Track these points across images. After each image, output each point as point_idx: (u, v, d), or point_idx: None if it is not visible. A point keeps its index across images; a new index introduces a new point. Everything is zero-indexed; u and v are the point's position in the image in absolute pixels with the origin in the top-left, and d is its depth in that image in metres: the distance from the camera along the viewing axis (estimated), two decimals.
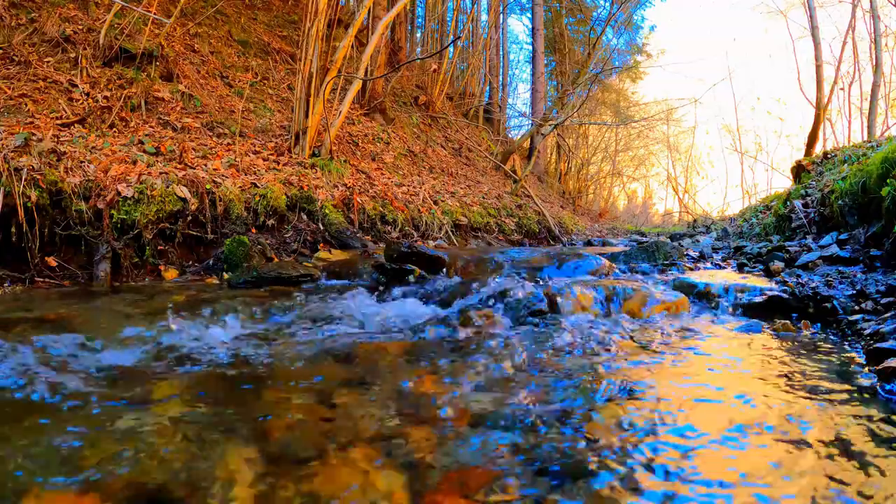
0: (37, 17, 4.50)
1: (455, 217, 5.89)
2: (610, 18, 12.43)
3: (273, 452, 1.02)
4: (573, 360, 1.61)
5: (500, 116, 14.07)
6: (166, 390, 1.34)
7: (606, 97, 18.29)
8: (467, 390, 1.36)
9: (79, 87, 4.11)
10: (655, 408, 1.23)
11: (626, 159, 22.94)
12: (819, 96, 10.89)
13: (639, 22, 17.31)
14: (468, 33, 12.85)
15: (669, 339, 1.89)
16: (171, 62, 5.07)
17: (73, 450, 1.01)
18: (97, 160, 3.23)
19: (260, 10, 8.59)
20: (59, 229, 2.88)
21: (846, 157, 5.67)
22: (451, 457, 1.00)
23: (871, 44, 11.44)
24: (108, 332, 1.85)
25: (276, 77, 7.06)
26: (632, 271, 3.35)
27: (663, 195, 27.76)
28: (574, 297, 2.26)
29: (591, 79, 11.48)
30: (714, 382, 1.41)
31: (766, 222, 6.09)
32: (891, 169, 3.19)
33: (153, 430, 1.10)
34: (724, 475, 0.92)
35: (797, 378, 1.42)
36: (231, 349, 1.70)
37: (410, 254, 3.02)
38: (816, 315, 2.08)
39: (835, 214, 4.00)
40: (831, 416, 1.15)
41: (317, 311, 2.18)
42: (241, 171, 4.03)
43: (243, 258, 3.19)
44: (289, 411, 1.22)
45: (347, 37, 5.12)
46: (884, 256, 2.78)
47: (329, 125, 5.10)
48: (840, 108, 14.89)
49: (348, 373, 1.52)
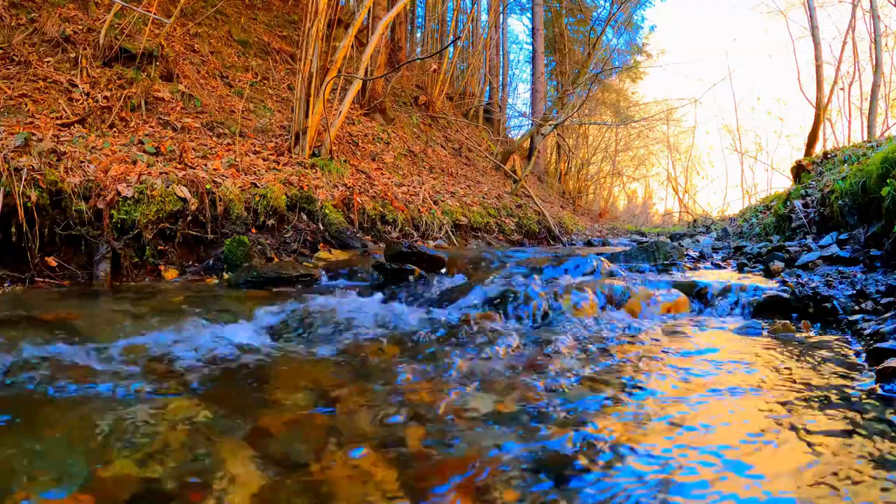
0: (37, 17, 4.50)
1: (455, 217, 5.89)
2: (610, 18, 12.43)
3: (273, 451, 1.02)
4: (573, 360, 1.61)
5: (500, 116, 14.07)
6: (166, 390, 1.34)
7: (606, 97, 18.28)
8: (467, 390, 1.36)
9: (79, 87, 4.11)
10: (655, 408, 1.23)
11: (626, 159, 22.94)
12: (819, 96, 10.89)
13: (639, 22, 17.32)
14: (468, 33, 12.85)
15: (669, 339, 1.89)
16: (171, 62, 5.07)
17: (74, 449, 1.01)
18: (97, 160, 3.23)
19: (260, 10, 8.59)
20: (59, 229, 2.88)
21: (846, 157, 5.67)
22: (451, 456, 1.00)
23: (871, 44, 11.44)
24: (107, 331, 1.85)
25: (276, 77, 7.06)
26: (632, 271, 3.34)
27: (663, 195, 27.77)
28: (574, 297, 2.26)
29: (591, 79, 11.48)
30: (714, 382, 1.41)
31: (766, 222, 6.09)
32: (891, 169, 3.19)
33: (153, 429, 1.10)
34: (723, 475, 0.92)
35: (797, 378, 1.41)
36: (231, 348, 1.70)
37: (410, 254, 3.02)
38: (816, 315, 2.08)
39: (835, 214, 4.00)
40: (831, 415, 1.15)
41: (316, 311, 2.18)
42: (241, 171, 4.03)
43: (243, 258, 3.19)
44: (289, 410, 1.22)
45: (347, 37, 5.12)
46: (884, 256, 2.78)
47: (329, 125, 5.10)
48: (840, 108, 14.89)
49: (348, 372, 1.52)
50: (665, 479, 0.92)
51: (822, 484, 0.88)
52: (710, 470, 0.94)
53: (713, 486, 0.89)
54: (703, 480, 0.91)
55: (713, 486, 0.89)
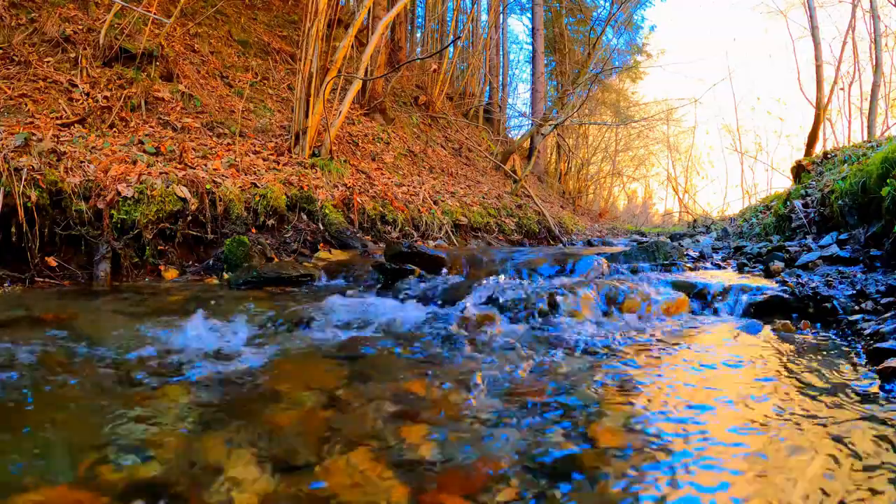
0: (37, 17, 4.50)
1: (455, 217, 5.89)
2: (610, 18, 12.43)
3: (274, 450, 1.02)
4: (572, 360, 1.61)
5: (500, 116, 14.07)
6: (166, 389, 1.34)
7: (606, 97, 18.28)
8: (467, 390, 1.36)
9: (79, 87, 4.11)
10: (655, 408, 1.23)
11: (626, 159, 22.93)
12: (819, 96, 10.89)
13: (639, 22, 17.32)
14: (468, 33, 12.85)
15: (669, 339, 1.89)
16: (171, 62, 5.07)
17: (73, 447, 1.01)
18: (97, 160, 3.23)
19: (260, 10, 8.59)
20: (59, 229, 2.88)
21: (846, 157, 5.66)
22: (451, 456, 1.00)
23: (871, 44, 11.43)
24: (107, 331, 1.85)
25: (276, 77, 7.06)
26: (632, 271, 3.34)
27: (663, 195, 27.75)
28: (574, 297, 2.26)
29: (591, 79, 11.48)
30: (714, 383, 1.41)
31: (766, 222, 6.09)
32: (891, 169, 3.19)
33: (153, 428, 1.10)
34: (723, 475, 0.92)
35: (797, 378, 1.41)
36: (231, 348, 1.70)
37: (410, 254, 3.02)
38: (816, 315, 2.08)
39: (835, 214, 4.00)
40: (831, 415, 1.15)
41: (316, 310, 2.18)
42: (241, 171, 4.03)
43: (243, 258, 3.19)
44: (289, 410, 1.22)
45: (347, 37, 5.12)
46: (884, 256, 2.78)
47: (329, 125, 5.10)
48: (840, 108, 14.88)
49: (348, 372, 1.52)
50: (663, 480, 0.92)
51: (822, 484, 0.88)
52: (710, 470, 0.94)
53: (713, 485, 0.89)
54: (704, 482, 0.91)
55: (713, 485, 0.89)
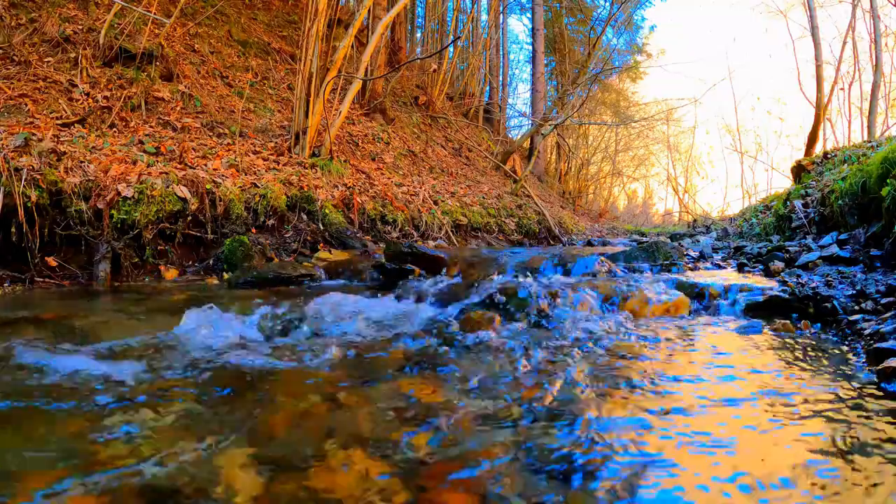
0: (37, 17, 4.50)
1: (455, 217, 5.89)
2: (610, 18, 12.44)
3: (274, 450, 1.02)
4: (572, 360, 1.61)
5: (500, 116, 14.07)
6: (166, 389, 1.34)
7: (606, 97, 18.28)
8: (466, 389, 1.36)
9: (79, 87, 4.11)
10: (655, 408, 1.23)
11: (626, 159, 22.93)
12: (819, 96, 10.89)
13: (639, 22, 17.33)
14: (468, 33, 12.84)
15: (669, 339, 1.89)
16: (171, 62, 5.07)
17: (72, 448, 1.01)
18: (97, 160, 3.23)
19: (260, 10, 8.58)
20: (59, 229, 2.88)
21: (846, 157, 5.67)
22: (451, 455, 1.00)
23: (871, 44, 11.43)
24: (107, 331, 1.85)
25: (276, 77, 7.06)
26: (632, 271, 3.34)
27: (663, 195, 27.74)
28: (573, 297, 2.26)
29: (591, 79, 11.49)
30: (714, 383, 1.41)
31: (766, 222, 6.09)
32: (891, 169, 3.19)
33: (153, 428, 1.10)
34: (722, 475, 0.92)
35: (797, 378, 1.41)
36: (231, 348, 1.70)
37: (410, 254, 3.02)
38: (816, 315, 2.08)
39: (835, 214, 4.00)
40: (831, 415, 1.15)
41: (316, 311, 2.18)
42: (241, 171, 4.03)
43: (243, 258, 3.19)
44: (288, 410, 1.22)
45: (347, 37, 5.12)
46: (884, 256, 2.78)
47: (329, 125, 5.10)
48: (840, 108, 14.86)
49: (348, 372, 1.52)
50: (663, 479, 0.92)
51: (822, 484, 0.88)
52: (710, 470, 0.94)
53: (713, 485, 0.89)
54: (704, 483, 0.91)
55: (713, 485, 0.89)
